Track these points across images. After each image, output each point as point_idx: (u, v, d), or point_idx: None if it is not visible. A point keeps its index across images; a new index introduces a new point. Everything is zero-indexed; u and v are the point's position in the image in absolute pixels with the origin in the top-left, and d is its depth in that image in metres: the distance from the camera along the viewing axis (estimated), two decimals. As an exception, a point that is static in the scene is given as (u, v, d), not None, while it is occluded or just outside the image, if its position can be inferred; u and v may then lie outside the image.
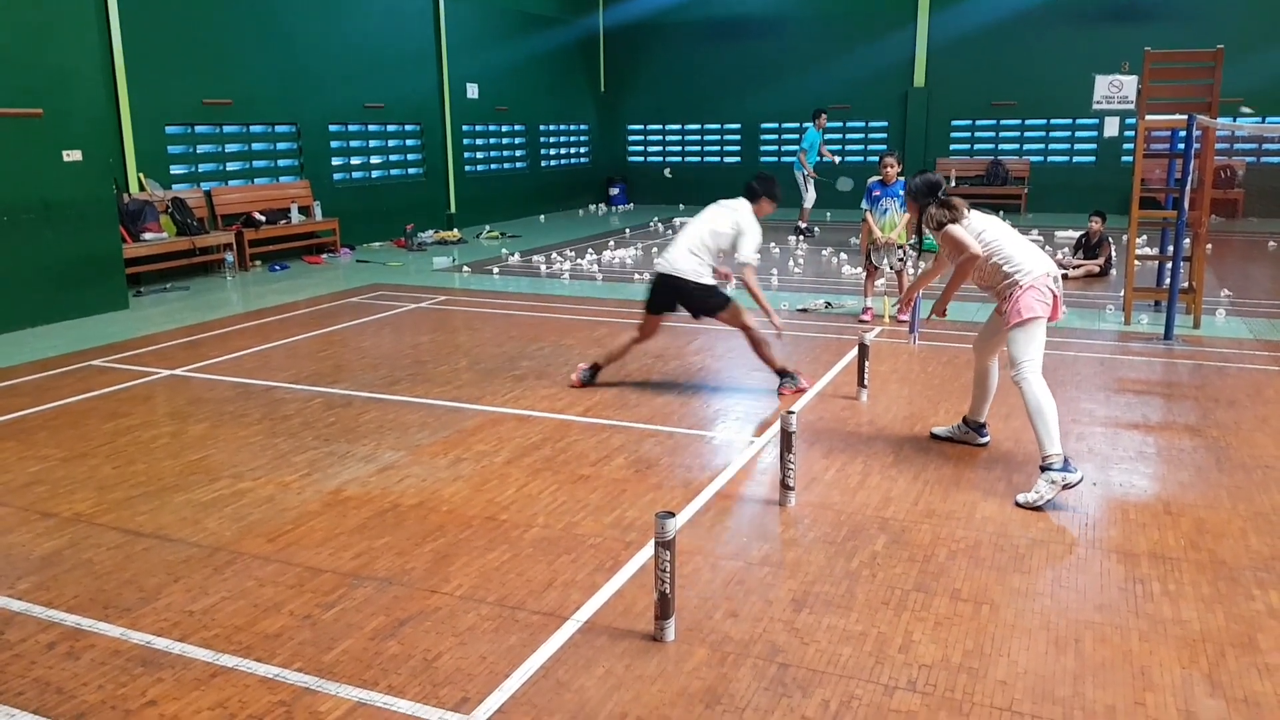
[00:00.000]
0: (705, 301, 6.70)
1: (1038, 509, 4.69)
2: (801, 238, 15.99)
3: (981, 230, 5.11)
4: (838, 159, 17.82)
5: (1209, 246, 12.05)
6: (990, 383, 5.53)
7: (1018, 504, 4.76)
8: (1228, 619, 3.66)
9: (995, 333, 5.27)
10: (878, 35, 20.19)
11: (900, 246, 9.20)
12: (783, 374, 6.85)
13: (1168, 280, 8.57)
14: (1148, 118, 8.85)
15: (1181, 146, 8.18)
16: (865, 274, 9.46)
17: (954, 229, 5.07)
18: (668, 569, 3.40)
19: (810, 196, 16.37)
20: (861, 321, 9.12)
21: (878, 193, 9.22)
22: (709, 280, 6.67)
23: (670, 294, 6.71)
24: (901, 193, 9.13)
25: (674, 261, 6.64)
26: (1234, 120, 15.63)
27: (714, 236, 6.66)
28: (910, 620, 3.65)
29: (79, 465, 5.43)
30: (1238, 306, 9.71)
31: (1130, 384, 7.02)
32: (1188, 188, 8.10)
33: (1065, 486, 4.71)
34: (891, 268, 9.27)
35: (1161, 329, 8.41)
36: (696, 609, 3.73)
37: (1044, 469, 4.75)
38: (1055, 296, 4.96)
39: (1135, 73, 9.40)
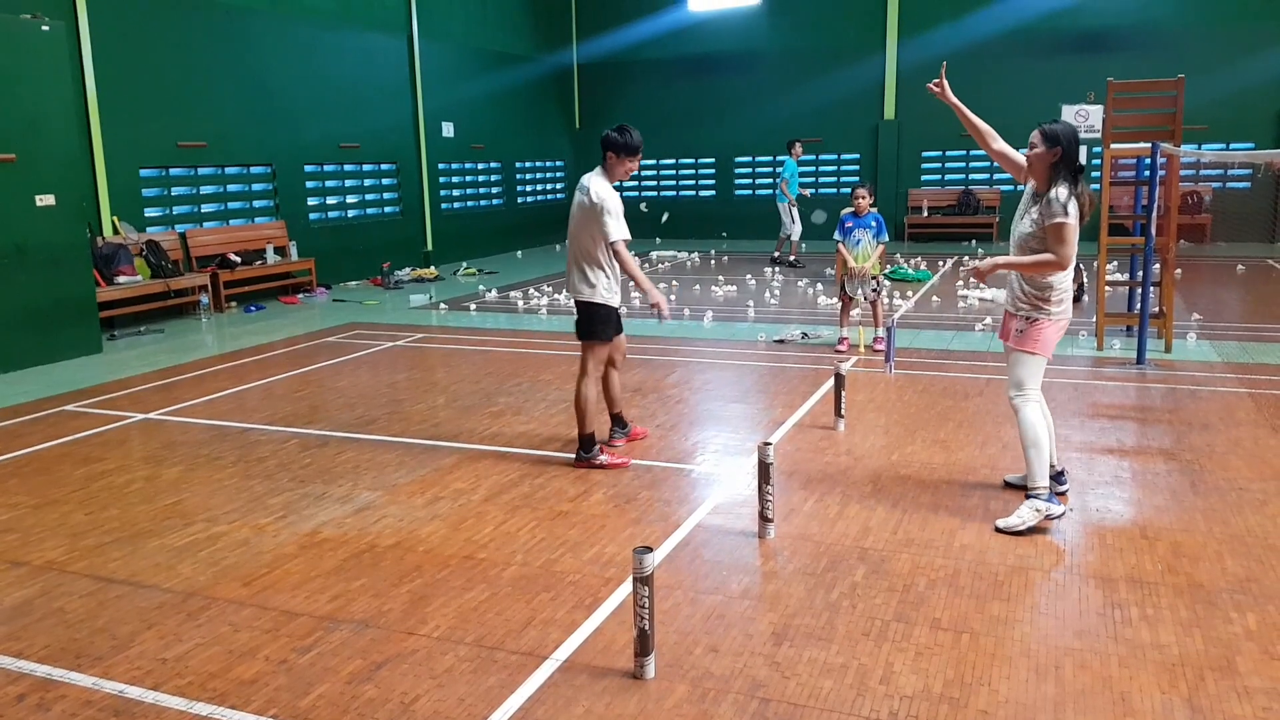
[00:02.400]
0: (583, 324, 5.90)
1: (1016, 534, 4.71)
2: (777, 268, 16.08)
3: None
4: (809, 193, 17.93)
5: (1178, 271, 12.21)
6: (1048, 423, 5.01)
7: (997, 529, 4.77)
8: (1206, 642, 3.68)
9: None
10: (847, 69, 20.45)
11: (874, 277, 9.26)
12: (617, 420, 6.32)
13: (1138, 306, 8.66)
14: (1113, 146, 8.99)
15: (1147, 174, 8.30)
16: (840, 305, 9.52)
17: (1071, 226, 4.57)
18: (646, 605, 3.38)
19: (796, 229, 16.47)
20: (838, 352, 9.16)
21: (850, 224, 9.28)
22: (597, 298, 5.82)
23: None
24: (874, 224, 9.20)
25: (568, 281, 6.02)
26: (1199, 147, 15.88)
27: (575, 238, 5.86)
28: (891, 651, 3.64)
29: (50, 512, 5.36)
30: (1208, 330, 9.82)
31: (1104, 409, 7.07)
32: (1154, 214, 8.21)
33: (1048, 517, 4.73)
34: (865, 298, 9.33)
35: (1134, 354, 8.49)
36: (676, 645, 3.71)
37: (1029, 496, 4.77)
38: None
39: (1100, 102, 9.53)
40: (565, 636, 3.79)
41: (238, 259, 13.10)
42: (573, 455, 6.02)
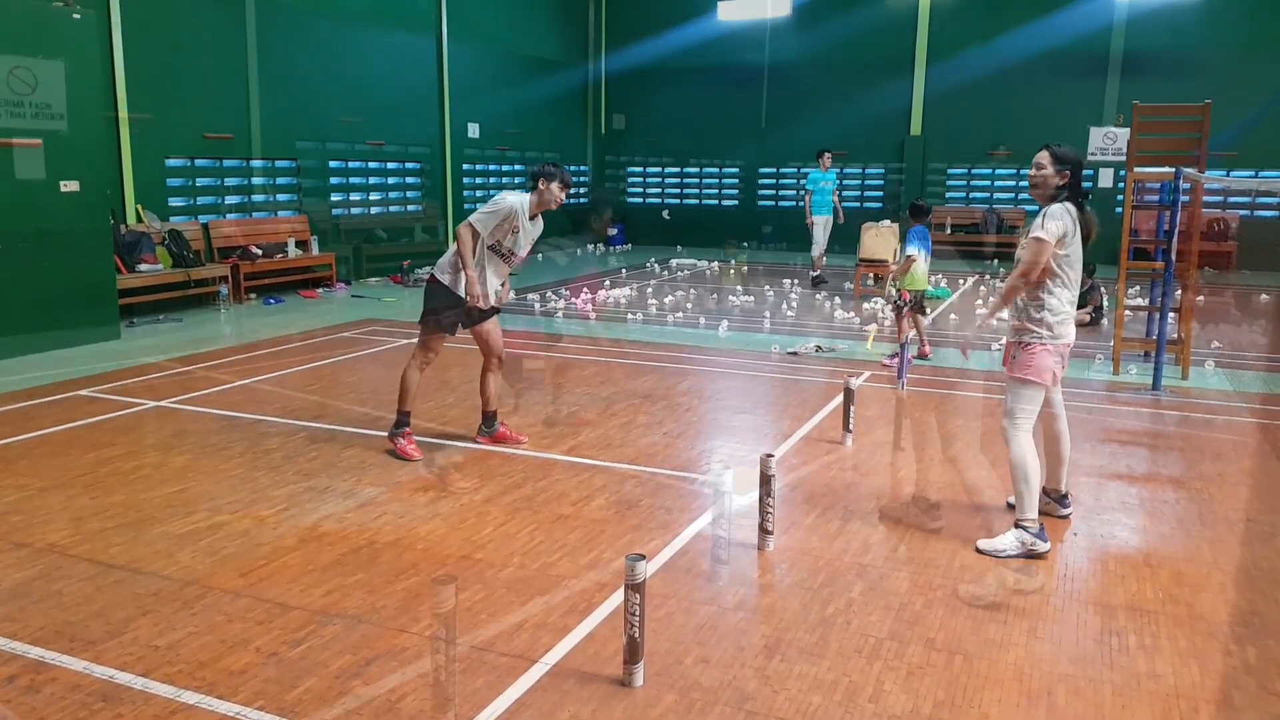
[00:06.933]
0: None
1: (994, 557, 4.68)
2: (818, 288, 15.37)
3: (1066, 253, 4.66)
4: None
5: (1200, 298, 12.11)
6: (1063, 445, 5.10)
7: (978, 549, 4.76)
8: (1203, 674, 3.63)
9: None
10: (876, 84, 20.37)
11: (920, 293, 9.23)
12: (489, 418, 6.52)
13: (1156, 331, 8.58)
14: (1136, 170, 8.92)
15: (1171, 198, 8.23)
16: (895, 314, 9.46)
17: (1044, 241, 4.57)
18: (637, 612, 3.37)
19: (817, 245, 15.66)
20: (923, 356, 9.25)
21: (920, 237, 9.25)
22: (444, 278, 6.22)
23: None
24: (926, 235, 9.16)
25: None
26: (1227, 174, 15.74)
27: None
28: (882, 669, 3.62)
29: (57, 495, 5.40)
30: (1226, 359, 9.72)
31: (1116, 434, 7.00)
32: (1174, 239, 8.14)
33: (1031, 554, 4.68)
34: (886, 300, 9.30)
35: (1150, 380, 8.41)
36: (667, 654, 3.70)
37: (1019, 525, 4.73)
38: (1062, 367, 4.82)
39: (1129, 125, 9.45)
40: (556, 640, 3.78)
41: (259, 251, 13.18)
42: (578, 459, 6.03)
